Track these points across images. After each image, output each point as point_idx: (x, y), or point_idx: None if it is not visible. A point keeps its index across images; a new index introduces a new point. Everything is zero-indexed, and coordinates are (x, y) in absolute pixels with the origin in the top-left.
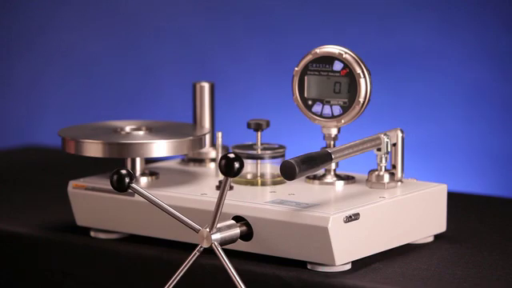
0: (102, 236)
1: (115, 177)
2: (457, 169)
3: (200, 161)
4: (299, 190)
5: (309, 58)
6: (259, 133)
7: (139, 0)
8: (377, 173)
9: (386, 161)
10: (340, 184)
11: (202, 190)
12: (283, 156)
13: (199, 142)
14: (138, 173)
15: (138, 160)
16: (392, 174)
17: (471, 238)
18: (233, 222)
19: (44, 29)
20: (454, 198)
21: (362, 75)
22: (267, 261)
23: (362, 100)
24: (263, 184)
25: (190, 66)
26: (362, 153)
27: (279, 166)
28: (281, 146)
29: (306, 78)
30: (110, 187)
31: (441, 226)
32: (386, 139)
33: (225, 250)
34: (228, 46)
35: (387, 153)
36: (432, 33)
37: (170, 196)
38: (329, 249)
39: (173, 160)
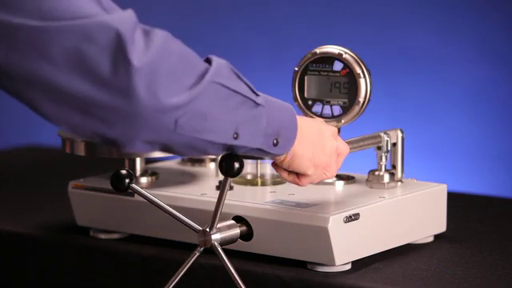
0: (101, 236)
1: (115, 177)
2: (457, 169)
3: (200, 161)
4: (299, 189)
5: (309, 57)
6: None
7: None
8: (377, 173)
9: (386, 159)
10: (340, 184)
11: (202, 190)
12: None
13: None
14: (138, 173)
15: (138, 160)
16: (392, 174)
17: (471, 237)
18: (233, 222)
19: None
20: (453, 198)
21: (361, 75)
22: (267, 261)
23: (361, 100)
24: (263, 184)
25: None
26: (362, 149)
27: None
28: None
29: (305, 78)
30: (110, 187)
31: (441, 226)
32: (386, 138)
33: (225, 250)
34: (228, 45)
35: (387, 152)
36: (433, 33)
37: (170, 196)
38: (329, 249)
39: (173, 160)
